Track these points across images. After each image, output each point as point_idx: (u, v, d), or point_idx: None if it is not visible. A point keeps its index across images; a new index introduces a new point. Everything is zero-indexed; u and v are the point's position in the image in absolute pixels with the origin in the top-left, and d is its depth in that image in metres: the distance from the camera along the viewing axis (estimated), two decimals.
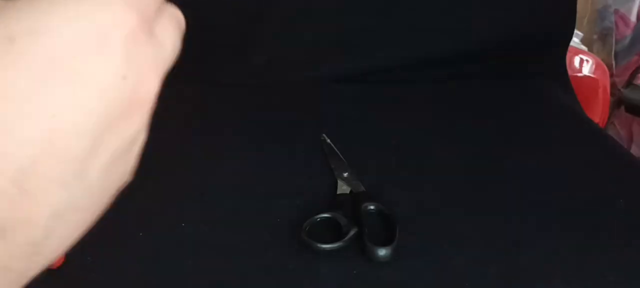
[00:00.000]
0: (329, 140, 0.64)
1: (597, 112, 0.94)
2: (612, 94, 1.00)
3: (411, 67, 0.81)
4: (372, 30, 0.80)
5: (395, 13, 0.79)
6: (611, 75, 1.01)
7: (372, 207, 0.56)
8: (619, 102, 1.02)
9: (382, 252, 0.50)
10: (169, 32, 0.23)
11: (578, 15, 0.84)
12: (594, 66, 0.96)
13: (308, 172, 0.63)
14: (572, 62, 0.93)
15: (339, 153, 0.64)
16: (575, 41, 0.97)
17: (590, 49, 1.03)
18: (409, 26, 0.80)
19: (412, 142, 0.69)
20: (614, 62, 1.05)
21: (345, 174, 0.60)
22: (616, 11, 1.05)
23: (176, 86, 0.35)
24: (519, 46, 0.82)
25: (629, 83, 1.02)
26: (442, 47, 0.81)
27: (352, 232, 0.52)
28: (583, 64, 0.95)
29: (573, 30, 0.85)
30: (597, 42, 1.07)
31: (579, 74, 0.94)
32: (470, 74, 0.81)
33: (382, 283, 0.49)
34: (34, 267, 0.21)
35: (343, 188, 0.59)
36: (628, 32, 1.04)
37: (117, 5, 0.20)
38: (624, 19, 1.04)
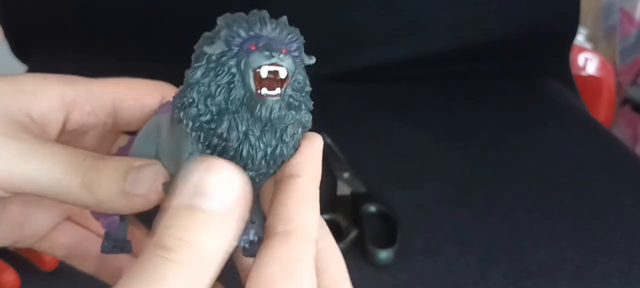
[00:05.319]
0: (329, 140, 0.63)
1: (602, 111, 0.93)
2: (617, 93, 0.99)
3: (413, 64, 0.80)
4: (372, 27, 0.79)
5: (396, 9, 0.78)
6: (616, 74, 1.00)
7: (373, 209, 0.55)
8: (624, 101, 1.01)
9: (384, 254, 0.50)
10: None
11: (582, 12, 0.83)
12: (598, 65, 0.95)
13: None
14: (576, 60, 0.92)
15: (339, 154, 0.63)
16: (580, 38, 0.96)
17: (595, 47, 1.02)
18: (410, 23, 0.79)
19: (413, 141, 0.68)
20: (618, 61, 1.04)
21: (346, 175, 0.60)
22: (621, 9, 1.04)
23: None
24: (522, 44, 0.81)
25: (634, 82, 1.01)
26: (444, 45, 0.80)
27: (352, 234, 0.51)
28: (587, 62, 0.94)
29: (577, 27, 0.84)
30: (602, 40, 1.06)
31: (583, 73, 0.93)
32: (472, 72, 0.80)
33: (384, 286, 0.48)
34: None
35: (343, 189, 0.58)
36: (633, 31, 1.03)
37: None
38: (629, 17, 1.03)
